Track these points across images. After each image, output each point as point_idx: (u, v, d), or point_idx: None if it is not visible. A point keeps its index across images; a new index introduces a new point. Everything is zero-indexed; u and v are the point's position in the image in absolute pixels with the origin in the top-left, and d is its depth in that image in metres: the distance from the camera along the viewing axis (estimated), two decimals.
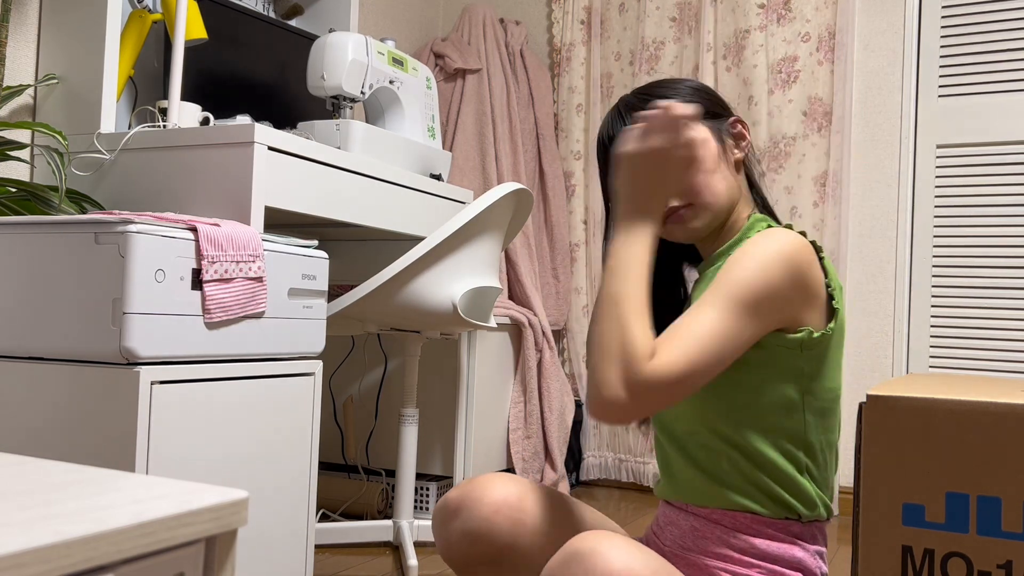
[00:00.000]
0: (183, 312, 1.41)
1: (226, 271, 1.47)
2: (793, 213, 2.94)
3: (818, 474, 1.11)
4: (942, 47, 2.87)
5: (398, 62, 2.33)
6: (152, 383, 1.36)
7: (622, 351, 0.99)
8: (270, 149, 1.76)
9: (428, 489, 2.56)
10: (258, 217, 1.72)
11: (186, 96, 2.14)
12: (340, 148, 2.07)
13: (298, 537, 1.66)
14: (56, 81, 1.99)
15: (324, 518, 2.52)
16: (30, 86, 1.98)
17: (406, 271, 1.91)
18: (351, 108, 2.28)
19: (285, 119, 2.49)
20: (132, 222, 1.35)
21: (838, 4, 2.91)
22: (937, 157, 2.87)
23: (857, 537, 0.82)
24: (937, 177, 2.87)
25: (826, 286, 1.09)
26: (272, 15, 2.66)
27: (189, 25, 2.03)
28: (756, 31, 2.99)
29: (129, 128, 2.09)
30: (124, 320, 1.33)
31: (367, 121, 2.44)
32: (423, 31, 3.49)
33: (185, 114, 1.98)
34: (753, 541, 1.08)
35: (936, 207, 2.86)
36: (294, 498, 1.65)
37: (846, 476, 2.92)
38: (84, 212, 1.82)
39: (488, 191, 2.02)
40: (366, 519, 2.51)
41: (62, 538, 0.46)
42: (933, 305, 2.85)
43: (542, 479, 2.85)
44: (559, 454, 2.89)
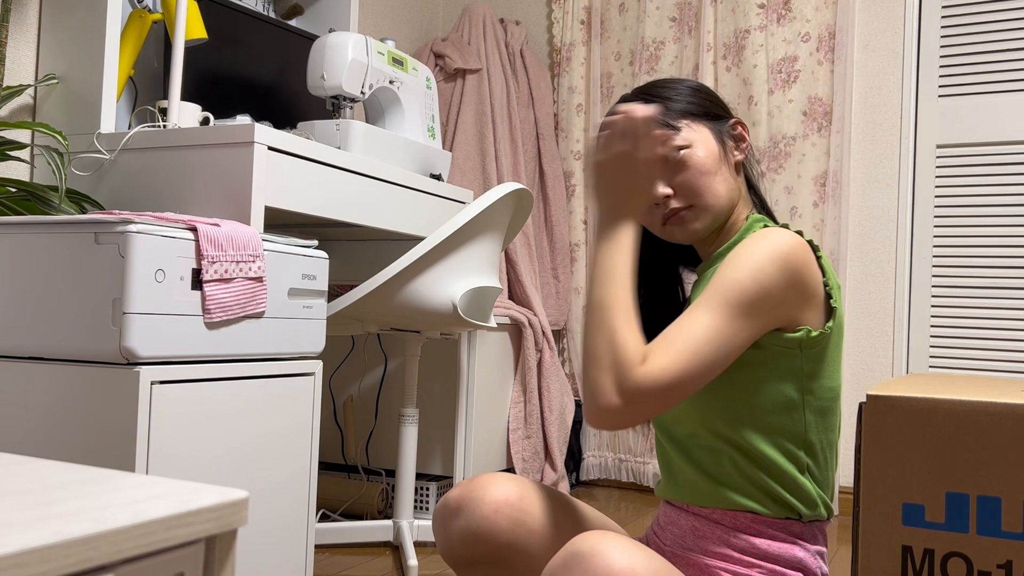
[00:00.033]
0: (183, 312, 1.41)
1: (226, 271, 1.47)
2: (793, 213, 2.94)
3: (819, 473, 1.11)
4: (942, 47, 2.87)
5: (398, 62, 2.33)
6: (152, 383, 1.36)
7: (613, 358, 1.00)
8: (270, 149, 1.76)
9: (428, 489, 2.56)
10: (258, 217, 1.72)
11: (186, 96, 2.14)
12: (340, 148, 2.07)
13: (298, 537, 1.66)
14: (56, 81, 1.99)
15: (324, 518, 2.52)
16: (30, 86, 1.98)
17: (406, 271, 1.91)
18: (351, 108, 2.28)
19: (285, 119, 2.49)
20: (132, 222, 1.35)
21: (838, 4, 2.91)
22: (937, 157, 2.87)
23: (857, 537, 0.82)
24: (937, 177, 2.87)
25: (824, 285, 1.09)
26: (272, 15, 2.66)
27: (189, 25, 2.03)
28: (756, 31, 2.99)
29: (129, 128, 2.09)
30: (124, 320, 1.34)
31: (367, 121, 2.44)
32: (423, 31, 3.49)
33: (185, 114, 1.98)
34: (754, 541, 1.08)
35: (936, 207, 2.86)
36: (294, 498, 1.65)
37: (846, 476, 2.92)
38: (84, 212, 1.82)
39: (488, 191, 2.02)
40: (366, 519, 2.51)
41: (62, 538, 0.46)
42: (933, 305, 2.85)
43: (542, 479, 2.85)
44: (559, 454, 2.89)
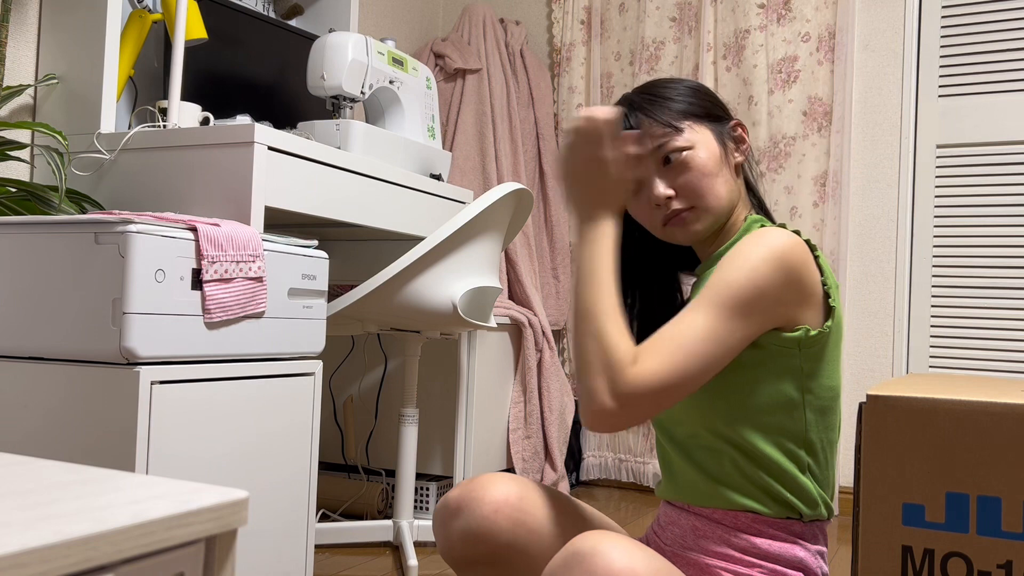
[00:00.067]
0: (183, 312, 1.41)
1: (226, 271, 1.47)
2: (793, 213, 2.94)
3: (819, 473, 1.11)
4: (942, 47, 2.87)
5: (398, 62, 2.33)
6: (152, 383, 1.36)
7: (603, 361, 1.01)
8: (270, 149, 1.76)
9: (428, 489, 2.56)
10: (258, 217, 1.72)
11: (186, 96, 2.14)
12: (340, 148, 2.07)
13: (298, 537, 1.66)
14: (56, 81, 1.99)
15: (324, 518, 2.52)
16: (30, 86, 1.98)
17: (406, 271, 1.91)
18: (351, 108, 2.28)
19: (285, 119, 2.49)
20: (132, 222, 1.35)
21: (838, 4, 2.91)
22: (937, 157, 2.87)
23: (857, 537, 0.82)
24: (937, 177, 2.87)
25: (822, 284, 1.09)
26: (272, 15, 2.66)
27: (189, 25, 2.03)
28: (756, 31, 2.99)
29: (129, 128, 2.09)
30: (124, 320, 1.34)
31: (367, 121, 2.44)
32: (423, 31, 3.49)
33: (185, 114, 1.98)
34: (754, 540, 1.08)
35: (936, 207, 2.86)
36: (294, 498, 1.65)
37: (846, 476, 2.92)
38: (84, 212, 1.82)
39: (488, 191, 2.02)
40: (366, 519, 2.51)
41: (62, 538, 0.46)
42: (933, 305, 2.85)
43: (542, 479, 2.85)
44: (559, 454, 2.88)
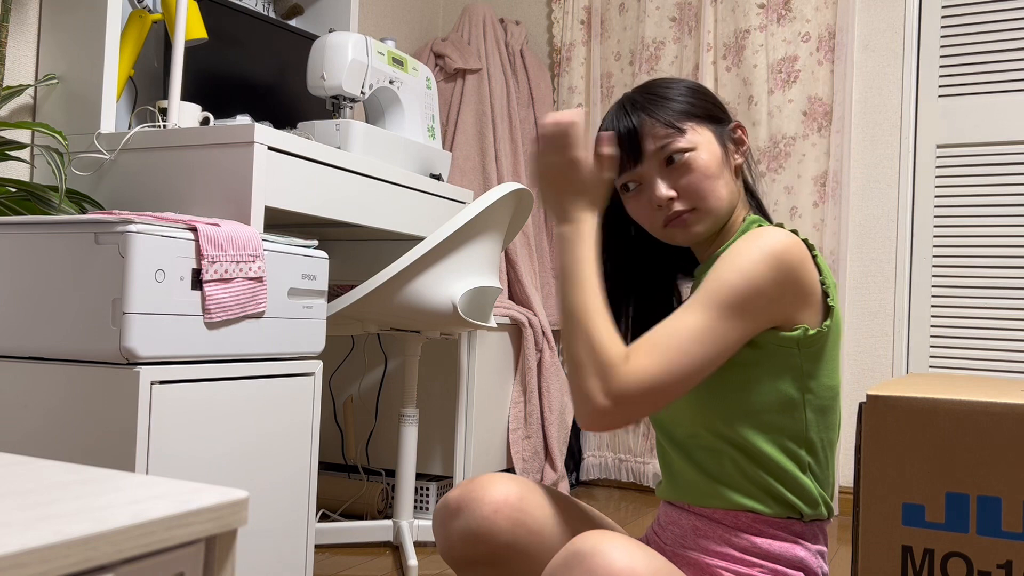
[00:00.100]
0: (183, 312, 1.41)
1: (226, 271, 1.47)
2: (793, 213, 2.94)
3: (820, 472, 1.11)
4: (942, 47, 2.87)
5: (398, 62, 2.33)
6: (152, 383, 1.36)
7: (595, 361, 1.01)
8: (270, 149, 1.76)
9: (428, 489, 2.56)
10: (258, 217, 1.72)
11: (186, 96, 2.14)
12: (340, 148, 2.07)
13: (298, 537, 1.66)
14: (56, 81, 1.99)
15: (324, 518, 2.52)
16: (30, 86, 1.98)
17: (406, 271, 1.91)
18: (351, 108, 2.28)
19: (285, 119, 2.48)
20: (132, 222, 1.35)
21: (838, 4, 2.91)
22: (937, 157, 2.87)
23: (857, 537, 0.82)
24: (937, 177, 2.87)
25: (820, 283, 1.09)
26: (272, 15, 2.66)
27: (189, 25, 2.03)
28: (756, 31, 2.99)
29: (129, 128, 2.09)
30: (124, 320, 1.33)
31: (367, 121, 2.44)
32: (423, 31, 3.49)
33: (185, 114, 1.98)
34: (755, 540, 1.08)
35: (936, 207, 2.86)
36: (294, 498, 1.65)
37: (846, 476, 2.92)
38: (84, 212, 1.82)
39: (488, 191, 2.02)
40: (366, 519, 2.51)
41: (62, 538, 0.46)
42: (933, 305, 2.85)
43: (542, 479, 2.85)
44: (559, 454, 2.88)
